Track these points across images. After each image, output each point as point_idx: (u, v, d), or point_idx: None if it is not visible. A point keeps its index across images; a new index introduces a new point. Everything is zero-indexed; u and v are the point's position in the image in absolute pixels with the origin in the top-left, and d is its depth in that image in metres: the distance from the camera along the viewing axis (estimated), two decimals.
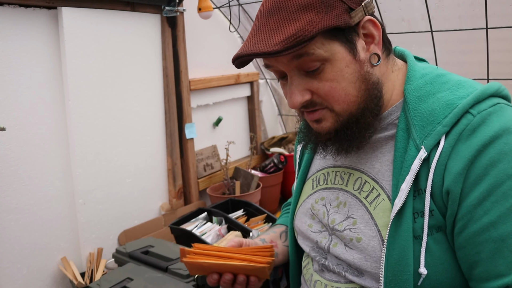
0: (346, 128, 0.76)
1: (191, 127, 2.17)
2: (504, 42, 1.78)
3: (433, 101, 0.74)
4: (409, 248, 0.70)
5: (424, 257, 0.69)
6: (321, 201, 0.89)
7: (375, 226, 0.75)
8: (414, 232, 0.70)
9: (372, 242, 0.75)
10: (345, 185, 0.85)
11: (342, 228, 0.81)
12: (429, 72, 0.79)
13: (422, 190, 0.71)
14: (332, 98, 0.74)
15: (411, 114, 0.75)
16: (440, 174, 0.69)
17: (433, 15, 1.85)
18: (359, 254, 0.77)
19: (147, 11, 1.95)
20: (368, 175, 0.81)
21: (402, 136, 0.76)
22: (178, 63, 2.10)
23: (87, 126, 1.72)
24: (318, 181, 0.92)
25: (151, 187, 2.02)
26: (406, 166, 0.72)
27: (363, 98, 0.75)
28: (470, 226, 0.67)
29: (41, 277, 1.60)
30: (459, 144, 0.69)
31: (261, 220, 1.87)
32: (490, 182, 0.65)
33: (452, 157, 0.69)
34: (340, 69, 0.73)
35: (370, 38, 0.76)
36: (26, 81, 1.54)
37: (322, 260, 0.85)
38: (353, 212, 0.80)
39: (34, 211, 1.57)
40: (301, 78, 0.75)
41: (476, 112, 0.69)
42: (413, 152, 0.72)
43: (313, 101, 0.76)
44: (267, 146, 2.74)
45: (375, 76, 0.77)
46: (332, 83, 0.73)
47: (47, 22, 1.60)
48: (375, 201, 0.77)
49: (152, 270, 1.27)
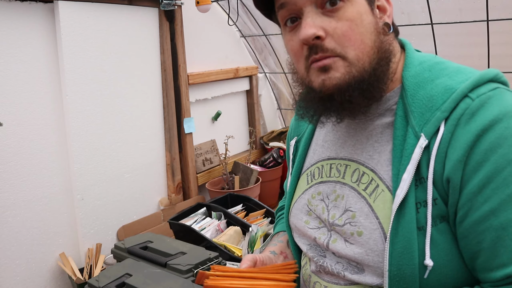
0: (357, 81, 0.72)
1: (189, 122, 2.16)
2: (505, 34, 1.76)
3: (431, 87, 0.72)
4: (413, 240, 0.68)
5: (429, 248, 0.67)
6: (318, 196, 0.86)
7: (376, 219, 0.73)
8: (418, 223, 0.68)
9: (373, 235, 0.72)
10: (342, 177, 0.82)
11: (342, 222, 0.78)
12: (427, 59, 0.78)
13: (424, 179, 0.69)
14: (349, 40, 0.71)
15: (409, 101, 0.73)
16: (441, 161, 0.67)
17: (433, 7, 1.83)
18: (359, 248, 0.74)
19: (144, 4, 1.93)
20: (366, 166, 0.78)
21: (401, 124, 0.74)
22: (176, 57, 2.08)
23: (85, 122, 1.71)
24: (313, 175, 0.90)
25: (150, 182, 2.02)
26: (406, 155, 0.70)
27: (376, 55, 0.73)
28: (471, 215, 0.65)
29: (39, 272, 1.60)
30: (458, 129, 0.66)
31: (260, 215, 1.87)
32: (490, 168, 0.63)
33: (451, 143, 0.67)
34: (360, 13, 0.72)
35: (383, 11, 0.77)
36: (23, 76, 1.53)
37: (320, 260, 0.83)
38: (351, 204, 0.78)
39: (32, 207, 1.57)
40: (318, 15, 0.72)
41: (475, 96, 0.67)
42: (412, 140, 0.70)
43: (324, 46, 0.72)
44: (266, 140, 2.73)
45: (387, 39, 0.76)
46: (352, 24, 0.71)
47: (43, 16, 1.58)
48: (374, 192, 0.75)
49: (151, 266, 1.26)
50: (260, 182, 2.25)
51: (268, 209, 1.86)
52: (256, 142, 2.72)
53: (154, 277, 1.19)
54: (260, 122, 2.83)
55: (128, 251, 1.37)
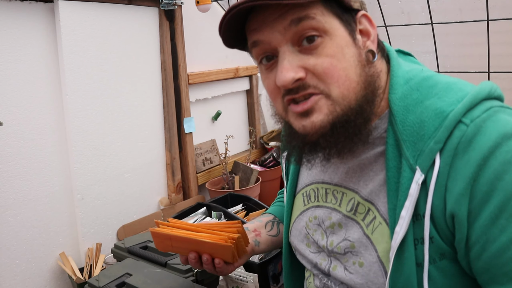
0: (342, 122, 0.67)
1: (189, 122, 2.16)
2: (505, 34, 1.76)
3: (421, 110, 0.67)
4: (413, 276, 0.65)
5: (428, 285, 0.65)
6: (314, 220, 0.84)
7: (375, 251, 0.71)
8: (416, 259, 0.66)
9: (373, 268, 0.71)
10: (338, 204, 0.79)
11: (341, 250, 0.76)
12: (414, 76, 0.72)
13: (420, 216, 0.65)
14: (331, 77, 0.65)
15: (399, 129, 0.68)
16: (440, 196, 0.63)
17: (434, 7, 1.83)
18: (360, 279, 0.72)
19: (144, 4, 1.93)
20: (361, 196, 0.74)
21: (393, 154, 0.69)
22: (176, 57, 2.08)
23: (85, 121, 1.71)
24: (309, 197, 0.87)
25: (150, 181, 2.02)
26: (402, 190, 0.66)
27: (363, 87, 0.68)
28: (488, 248, 0.61)
29: (39, 272, 1.60)
30: (456, 160, 0.62)
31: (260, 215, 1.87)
32: (500, 197, 0.59)
33: (451, 176, 0.62)
34: (341, 46, 0.66)
35: (366, 35, 0.72)
36: (23, 75, 1.53)
37: (324, 279, 0.82)
38: (349, 234, 0.75)
39: (32, 206, 1.56)
40: (295, 55, 0.67)
41: (469, 121, 0.63)
42: (408, 173, 0.66)
43: (306, 83, 0.66)
44: (266, 140, 2.73)
45: (372, 70, 0.71)
46: (333, 60, 0.65)
47: (43, 15, 1.58)
48: (372, 223, 0.72)
49: (151, 265, 1.26)
50: (260, 181, 2.25)
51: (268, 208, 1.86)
52: (256, 142, 2.72)
53: (154, 276, 1.19)
54: (260, 122, 2.83)
55: (128, 251, 1.37)
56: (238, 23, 0.70)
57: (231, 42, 0.75)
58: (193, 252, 0.89)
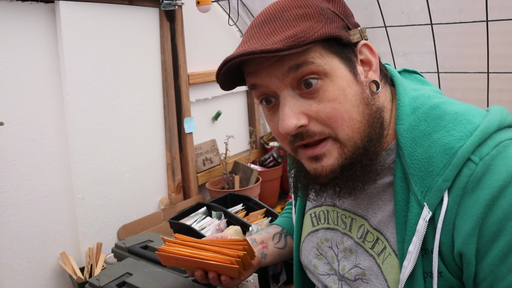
0: (350, 165, 0.67)
1: (190, 122, 2.17)
2: (505, 35, 1.76)
3: (429, 144, 0.66)
4: None
5: None
6: (326, 242, 0.83)
7: (385, 281, 0.71)
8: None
9: None
10: (348, 230, 0.78)
11: (352, 277, 0.76)
12: (421, 104, 0.71)
13: (429, 251, 0.66)
14: (335, 121, 0.65)
15: (407, 162, 0.67)
16: (448, 234, 0.63)
17: (433, 8, 1.84)
18: None
19: (145, 4, 1.93)
20: (370, 224, 0.74)
21: (401, 187, 0.68)
22: (176, 57, 2.09)
23: (86, 121, 1.71)
24: (318, 218, 0.86)
25: (150, 181, 2.02)
26: (410, 225, 0.66)
27: (368, 125, 0.67)
28: (496, 286, 0.61)
29: (40, 272, 1.60)
30: (465, 199, 0.62)
31: (260, 215, 1.87)
32: (509, 236, 0.59)
33: (459, 215, 0.62)
34: (343, 88, 0.65)
35: (367, 65, 0.70)
36: (24, 76, 1.53)
37: None
38: (360, 261, 0.75)
39: (33, 206, 1.57)
40: (296, 99, 0.65)
41: (478, 159, 0.62)
42: (415, 208, 0.65)
43: (310, 130, 0.66)
44: (267, 140, 2.73)
45: (377, 103, 0.70)
46: (335, 104, 0.64)
47: (44, 16, 1.58)
48: (382, 253, 0.72)
49: (151, 265, 1.26)
50: (260, 181, 2.25)
51: (268, 208, 1.86)
52: (256, 142, 2.73)
53: (154, 276, 1.19)
54: (260, 122, 2.83)
55: (128, 250, 1.38)
56: (235, 67, 0.68)
57: (230, 86, 0.75)
58: (199, 270, 0.90)
